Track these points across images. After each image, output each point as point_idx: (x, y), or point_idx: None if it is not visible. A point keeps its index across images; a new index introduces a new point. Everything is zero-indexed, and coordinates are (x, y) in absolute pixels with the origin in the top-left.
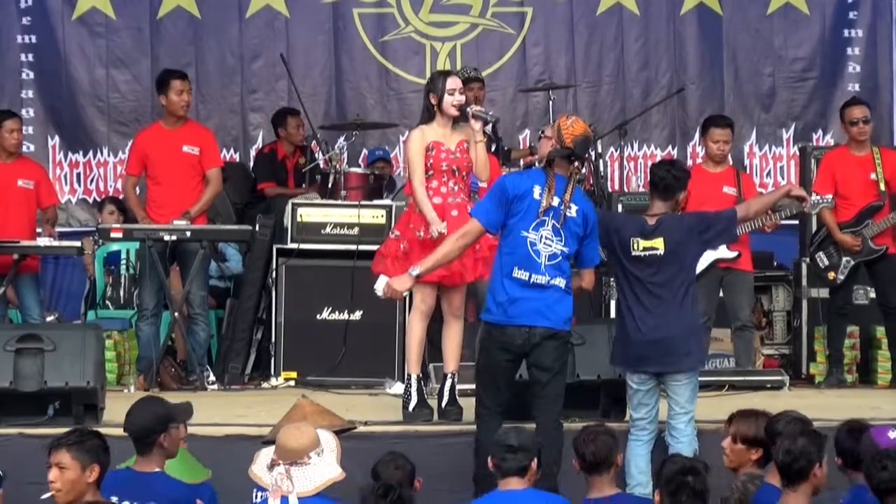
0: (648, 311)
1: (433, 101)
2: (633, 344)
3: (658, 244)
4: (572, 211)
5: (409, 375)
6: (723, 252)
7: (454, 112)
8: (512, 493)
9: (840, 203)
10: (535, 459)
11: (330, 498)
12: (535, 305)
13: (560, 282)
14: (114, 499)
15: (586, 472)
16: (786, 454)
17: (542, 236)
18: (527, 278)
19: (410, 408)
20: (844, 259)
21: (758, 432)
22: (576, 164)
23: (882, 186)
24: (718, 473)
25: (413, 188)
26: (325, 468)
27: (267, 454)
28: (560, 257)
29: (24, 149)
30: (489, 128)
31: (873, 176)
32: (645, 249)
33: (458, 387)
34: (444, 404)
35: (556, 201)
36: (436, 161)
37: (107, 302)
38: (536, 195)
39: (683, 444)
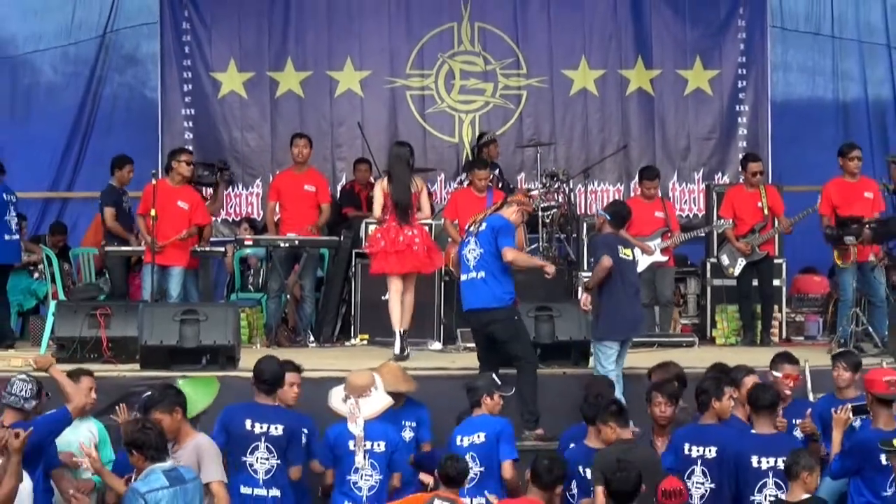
0: (635, 296)
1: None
2: (625, 319)
3: (630, 253)
4: (482, 227)
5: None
6: (658, 257)
7: None
8: (472, 418)
9: (737, 222)
10: (488, 395)
11: (389, 422)
12: (472, 293)
13: (482, 273)
14: (248, 421)
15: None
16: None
17: (469, 248)
18: (466, 277)
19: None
20: (739, 259)
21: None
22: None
23: (766, 211)
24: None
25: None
26: (381, 398)
27: (337, 392)
28: (480, 257)
29: None
30: (497, 171)
31: (759, 204)
32: (625, 255)
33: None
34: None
35: (475, 227)
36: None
37: (244, 288)
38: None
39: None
